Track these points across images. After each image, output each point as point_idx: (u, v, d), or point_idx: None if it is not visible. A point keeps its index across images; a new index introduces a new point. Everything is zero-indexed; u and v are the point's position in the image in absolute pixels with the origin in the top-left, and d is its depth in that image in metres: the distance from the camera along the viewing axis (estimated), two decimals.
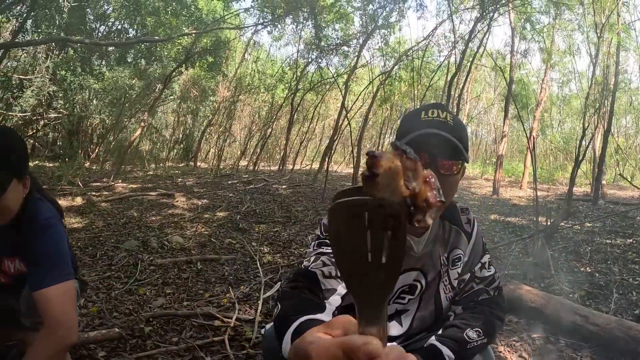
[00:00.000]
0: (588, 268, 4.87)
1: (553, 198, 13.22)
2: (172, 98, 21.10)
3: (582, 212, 9.85)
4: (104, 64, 16.24)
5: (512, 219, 8.72)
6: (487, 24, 13.13)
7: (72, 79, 14.74)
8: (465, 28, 17.51)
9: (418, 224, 0.52)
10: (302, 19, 17.04)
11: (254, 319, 3.15)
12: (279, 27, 18.29)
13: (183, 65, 15.98)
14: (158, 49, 16.50)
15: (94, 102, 17.08)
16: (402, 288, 1.56)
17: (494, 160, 19.82)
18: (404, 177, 0.52)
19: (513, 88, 18.19)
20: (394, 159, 0.51)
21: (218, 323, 3.11)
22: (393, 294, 1.55)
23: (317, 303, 1.27)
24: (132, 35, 17.43)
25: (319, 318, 1.08)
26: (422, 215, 0.52)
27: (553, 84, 26.49)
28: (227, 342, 2.79)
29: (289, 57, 26.62)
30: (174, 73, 16.23)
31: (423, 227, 0.53)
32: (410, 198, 0.51)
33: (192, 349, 2.72)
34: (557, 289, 3.98)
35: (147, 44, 15.76)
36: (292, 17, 16.71)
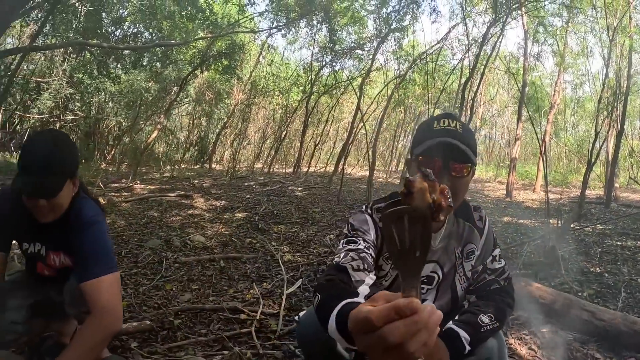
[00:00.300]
0: (598, 268, 4.97)
1: (566, 201, 13.22)
2: (187, 100, 21.23)
3: (594, 214, 9.86)
4: (120, 67, 16.40)
5: (524, 221, 8.77)
6: (500, 28, 13.18)
7: (89, 82, 14.94)
8: (479, 32, 17.54)
9: (437, 220, 0.79)
10: (316, 23, 17.15)
11: (279, 313, 3.30)
12: (293, 30, 18.44)
13: (198, 69, 16.13)
14: (173, 53, 16.65)
15: (110, 104, 17.24)
16: (421, 279, 1.75)
17: (508, 163, 19.79)
18: (428, 191, 0.80)
19: (526, 91, 18.16)
20: (422, 181, 0.80)
21: (244, 316, 3.24)
22: None
23: (351, 291, 1.44)
24: (147, 39, 17.61)
25: (357, 301, 1.25)
26: (439, 214, 0.80)
27: (567, 86, 26.38)
28: (254, 333, 2.92)
29: (304, 60, 26.74)
30: (189, 76, 16.36)
31: (440, 221, 0.83)
32: (432, 204, 0.79)
33: (220, 340, 2.85)
34: (566, 288, 4.10)
35: (162, 48, 15.93)
36: (306, 20, 16.81)
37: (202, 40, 15.44)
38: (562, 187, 20.40)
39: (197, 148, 24.05)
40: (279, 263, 4.77)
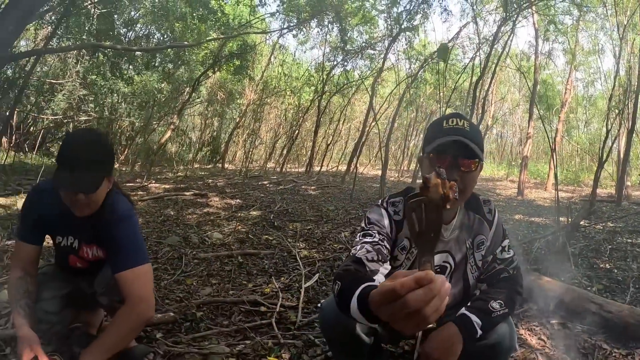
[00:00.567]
0: (607, 264, 5.02)
1: (577, 199, 13.21)
2: (199, 101, 21.37)
3: (605, 212, 9.88)
4: (132, 69, 16.54)
5: (535, 219, 8.81)
6: (510, 27, 13.20)
7: (102, 83, 15.04)
8: (489, 30, 17.53)
9: (445, 208, 1.03)
10: (327, 23, 17.23)
11: (297, 306, 3.40)
12: (304, 30, 18.55)
13: (210, 69, 16.24)
14: (186, 54, 16.77)
15: (123, 105, 17.35)
16: (434, 268, 1.89)
17: (519, 162, 19.77)
18: (441, 186, 1.02)
19: (537, 89, 18.11)
20: (436, 178, 1.03)
21: (264, 309, 3.35)
22: None
23: (369, 277, 1.59)
24: (159, 40, 17.72)
25: (375, 284, 1.38)
26: (447, 204, 1.02)
27: (578, 84, 26.23)
28: (274, 324, 3.03)
29: (315, 59, 26.79)
30: (202, 77, 16.48)
31: (449, 209, 1.05)
32: (443, 195, 1.02)
33: (242, 331, 2.96)
34: (576, 282, 4.17)
35: (174, 49, 16.07)
36: (317, 20, 16.91)
37: (214, 41, 15.56)
38: (574, 185, 20.35)
39: (209, 148, 24.19)
40: (296, 258, 4.87)
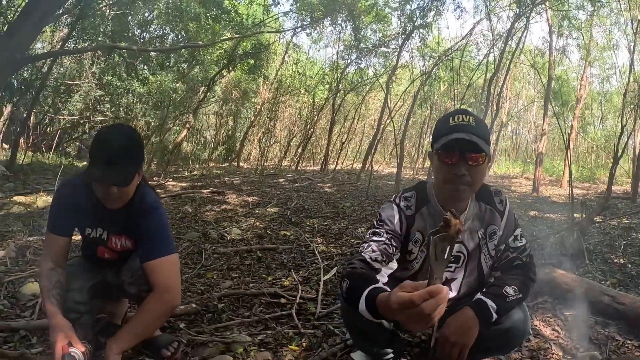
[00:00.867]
0: (621, 260, 5.04)
1: (593, 196, 13.14)
2: (213, 100, 21.49)
3: (620, 209, 9.87)
4: (147, 69, 16.66)
5: (550, 215, 8.82)
6: (524, 23, 13.17)
7: (117, 84, 15.14)
8: (503, 26, 17.47)
9: (459, 239, 1.31)
10: (340, 21, 17.28)
11: (316, 298, 3.50)
12: (318, 29, 18.59)
13: (225, 69, 16.33)
14: (200, 53, 16.85)
15: (139, 105, 17.46)
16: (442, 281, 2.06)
17: (535, 159, 19.67)
18: (457, 222, 1.25)
19: (552, 85, 18.00)
20: (454, 218, 1.23)
21: (284, 301, 3.44)
22: None
23: (373, 277, 1.74)
24: (173, 40, 17.84)
25: (379, 287, 1.54)
26: (459, 235, 1.27)
27: (593, 80, 25.96)
28: (294, 315, 3.13)
29: (329, 58, 26.79)
30: (216, 76, 16.59)
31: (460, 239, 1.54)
32: (457, 230, 1.25)
33: (263, 321, 3.05)
34: (590, 277, 4.21)
35: (189, 49, 16.18)
36: (330, 19, 16.95)
37: (228, 41, 15.65)
38: (589, 182, 20.20)
39: (224, 147, 24.32)
40: (314, 253, 4.96)
